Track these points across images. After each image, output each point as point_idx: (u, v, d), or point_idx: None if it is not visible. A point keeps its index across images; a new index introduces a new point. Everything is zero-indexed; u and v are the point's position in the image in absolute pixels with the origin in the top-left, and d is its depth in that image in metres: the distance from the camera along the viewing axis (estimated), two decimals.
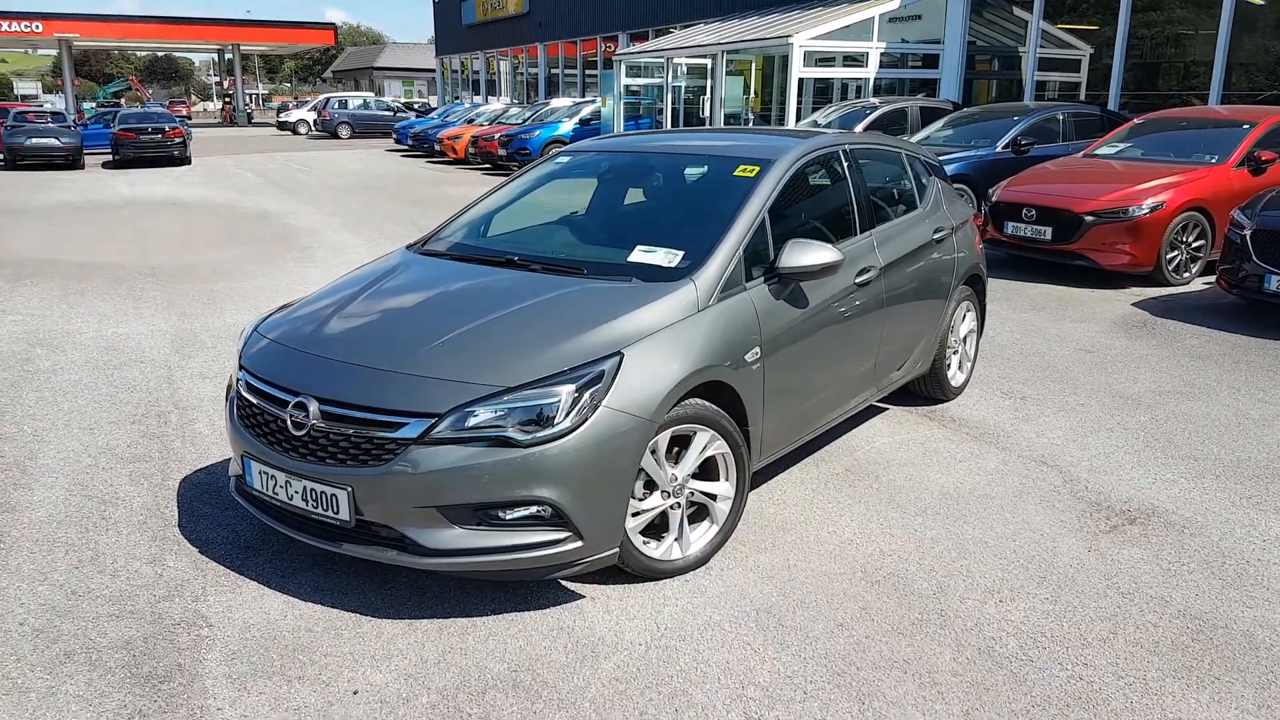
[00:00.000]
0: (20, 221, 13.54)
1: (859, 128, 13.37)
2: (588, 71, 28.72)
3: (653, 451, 3.29)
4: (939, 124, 12.40)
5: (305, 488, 3.11)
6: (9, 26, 41.69)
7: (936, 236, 5.03)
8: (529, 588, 3.36)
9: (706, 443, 3.44)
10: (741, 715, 2.71)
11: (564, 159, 4.82)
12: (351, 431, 3.05)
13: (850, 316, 4.24)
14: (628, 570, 3.36)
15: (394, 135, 30.44)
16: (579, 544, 3.06)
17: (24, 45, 50.03)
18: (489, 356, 3.16)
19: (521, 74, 33.75)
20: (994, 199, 9.27)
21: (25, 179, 20.41)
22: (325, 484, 3.06)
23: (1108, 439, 4.93)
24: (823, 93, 19.36)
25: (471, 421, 2.97)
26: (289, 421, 3.17)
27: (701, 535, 3.53)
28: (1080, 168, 9.33)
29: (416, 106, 42.08)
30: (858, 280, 4.27)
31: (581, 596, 3.32)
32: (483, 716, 2.68)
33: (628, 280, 3.60)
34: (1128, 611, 3.28)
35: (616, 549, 3.19)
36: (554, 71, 30.83)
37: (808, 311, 3.93)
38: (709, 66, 17.38)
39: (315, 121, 37.96)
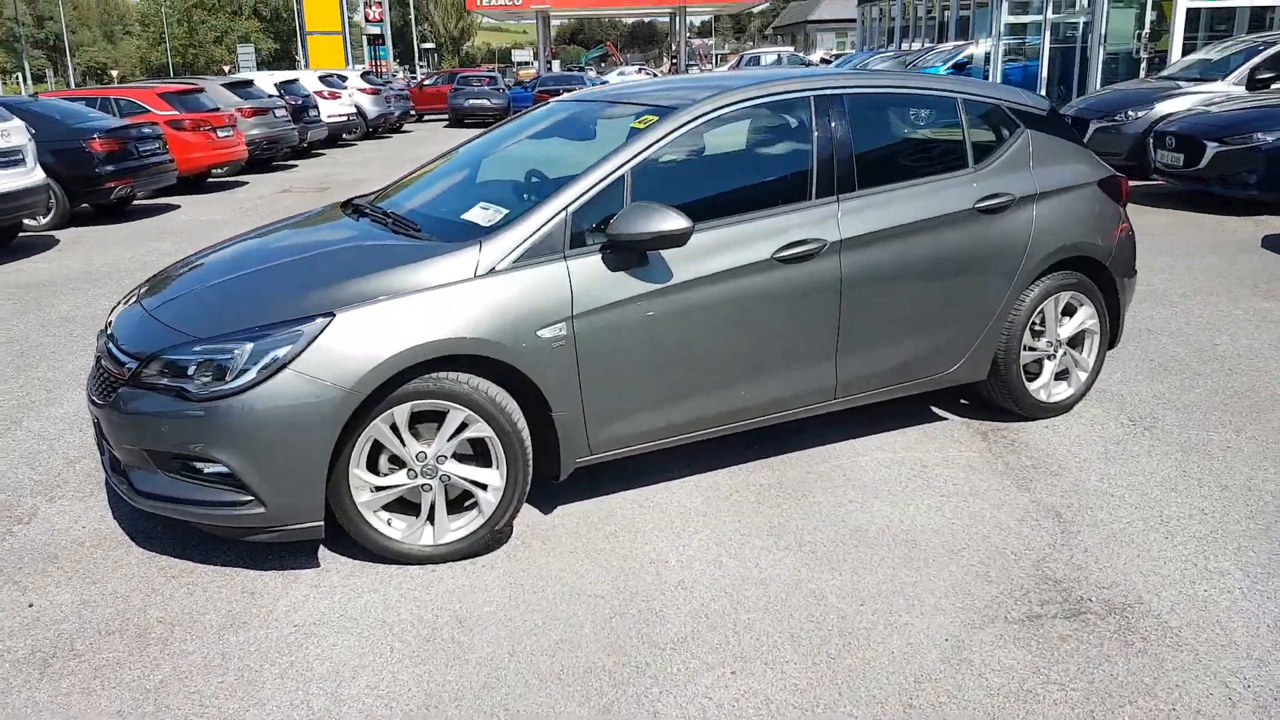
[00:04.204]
0: (407, 166, 15.76)
1: (1245, 69, 10.70)
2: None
3: (393, 426, 3.04)
4: None
5: (90, 414, 3.36)
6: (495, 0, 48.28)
7: (983, 205, 3.90)
8: (290, 545, 3.29)
9: (461, 423, 3.08)
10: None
11: (536, 111, 4.49)
12: (107, 366, 3.21)
13: (768, 298, 3.49)
14: (367, 548, 3.16)
15: None
16: (262, 510, 2.93)
17: (509, 17, 57.37)
18: (213, 306, 3.13)
19: (934, 18, 31.53)
20: None
21: (453, 135, 23.63)
22: (91, 412, 3.27)
23: (1199, 500, 3.53)
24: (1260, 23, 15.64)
25: (161, 368, 2.97)
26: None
27: (463, 525, 3.18)
28: None
29: (831, 60, 41.38)
30: (780, 255, 3.48)
31: (316, 566, 3.19)
32: (78, 655, 2.72)
33: (426, 239, 3.32)
34: None
35: (319, 523, 2.99)
36: (964, 14, 28.33)
37: (668, 288, 3.30)
38: None
39: None
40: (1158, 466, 3.83)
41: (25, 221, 9.56)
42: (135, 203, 11.96)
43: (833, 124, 3.70)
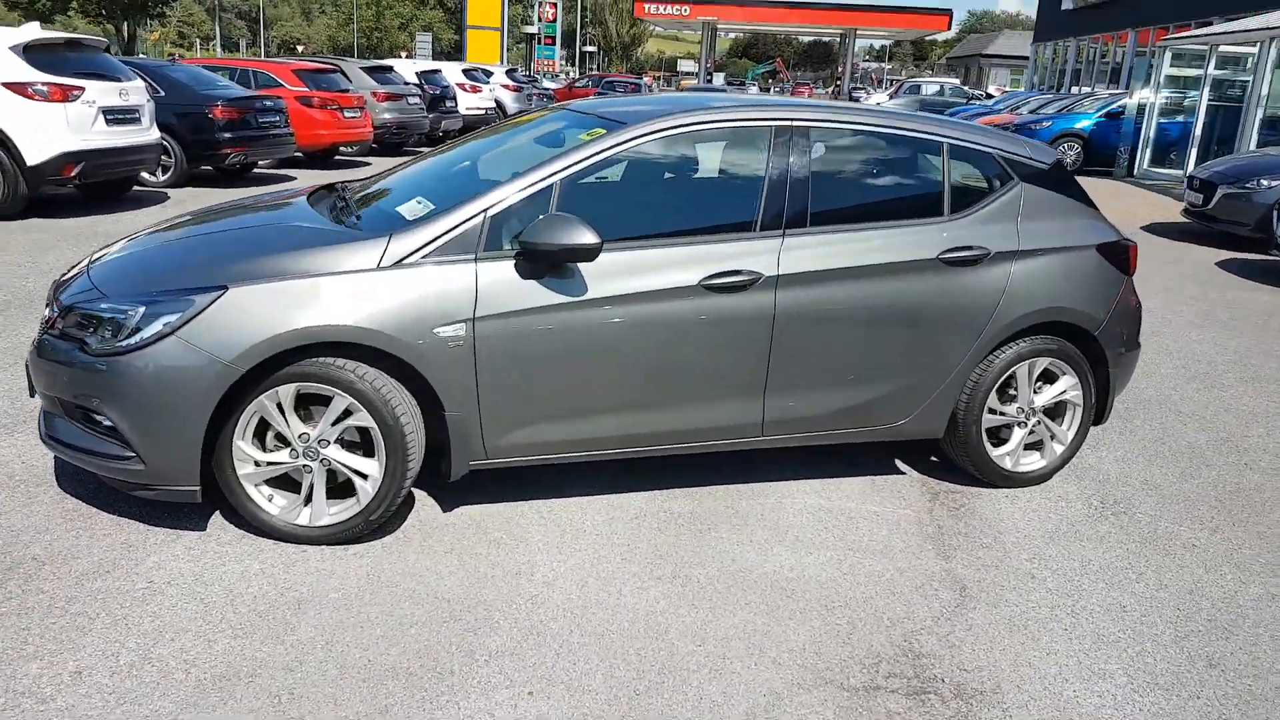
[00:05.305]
0: None
1: None
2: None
3: (279, 404, 3.13)
4: None
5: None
6: (664, 9, 48.77)
7: (949, 256, 3.70)
8: (187, 508, 3.42)
9: (345, 409, 3.14)
10: (80, 665, 2.56)
11: (541, 115, 4.53)
12: (47, 314, 3.43)
13: (691, 325, 3.41)
14: (247, 519, 3.26)
15: None
16: (141, 467, 3.06)
17: (677, 26, 57.91)
18: (132, 270, 3.29)
19: (1107, 63, 30.02)
20: None
21: None
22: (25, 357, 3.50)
23: (1125, 596, 3.26)
24: None
25: (73, 321, 3.15)
26: None
27: (339, 511, 3.24)
28: None
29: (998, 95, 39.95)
30: (708, 283, 3.40)
31: (201, 530, 3.31)
32: None
33: (351, 227, 3.41)
34: None
35: (195, 488, 3.10)
36: (1141, 57, 26.91)
37: (581, 302, 3.27)
38: (1255, 57, 13.63)
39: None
40: (1103, 555, 3.54)
41: (144, 176, 10.31)
42: (256, 170, 12.72)
43: (790, 157, 3.59)
